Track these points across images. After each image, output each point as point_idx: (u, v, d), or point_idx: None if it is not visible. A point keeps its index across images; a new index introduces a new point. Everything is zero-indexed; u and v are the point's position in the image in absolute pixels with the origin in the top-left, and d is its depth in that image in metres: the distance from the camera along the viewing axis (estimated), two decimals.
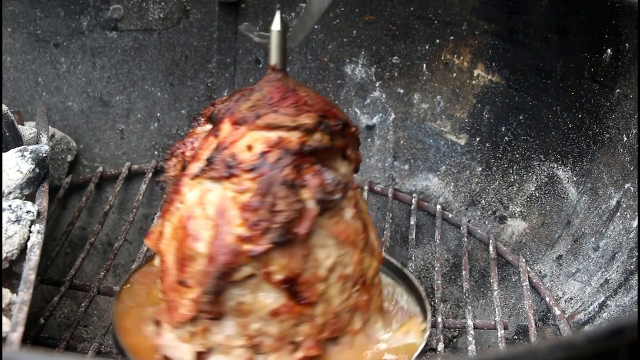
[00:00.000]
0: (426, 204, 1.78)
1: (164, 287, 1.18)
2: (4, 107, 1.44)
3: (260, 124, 1.12)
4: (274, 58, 1.18)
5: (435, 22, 1.78)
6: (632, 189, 1.48)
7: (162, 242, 1.19)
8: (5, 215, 1.21)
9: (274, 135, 1.12)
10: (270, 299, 1.14)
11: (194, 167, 1.15)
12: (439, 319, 1.44)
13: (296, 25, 1.22)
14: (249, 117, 1.13)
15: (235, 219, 1.10)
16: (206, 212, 1.12)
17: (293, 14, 1.83)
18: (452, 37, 1.78)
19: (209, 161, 1.13)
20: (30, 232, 1.21)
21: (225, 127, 1.15)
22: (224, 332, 1.16)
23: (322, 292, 1.17)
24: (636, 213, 1.46)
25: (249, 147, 1.11)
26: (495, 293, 1.51)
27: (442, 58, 1.80)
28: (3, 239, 1.17)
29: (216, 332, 1.16)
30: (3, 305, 1.07)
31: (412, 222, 1.69)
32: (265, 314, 1.15)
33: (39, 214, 1.24)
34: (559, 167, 1.64)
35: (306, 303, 1.16)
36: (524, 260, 1.61)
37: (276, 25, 1.18)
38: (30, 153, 1.32)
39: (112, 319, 1.25)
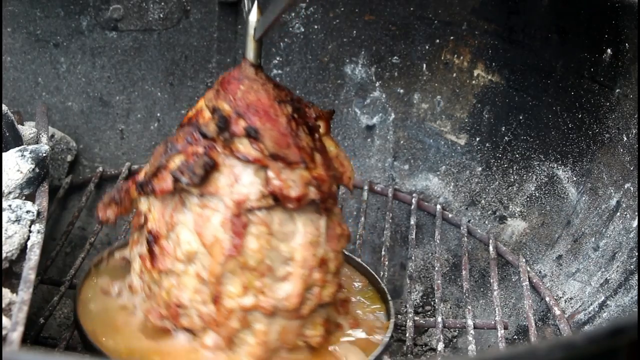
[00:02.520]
0: (426, 204, 1.78)
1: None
2: (4, 107, 1.44)
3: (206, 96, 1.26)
4: (248, 49, 1.21)
5: (435, 22, 1.78)
6: (632, 189, 1.48)
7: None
8: (5, 215, 1.21)
9: (200, 105, 1.25)
10: (143, 243, 1.25)
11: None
12: (439, 319, 1.44)
13: (261, 17, 1.19)
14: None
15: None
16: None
17: (293, 14, 1.83)
18: (452, 37, 1.78)
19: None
20: (30, 232, 1.21)
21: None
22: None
23: (173, 272, 1.22)
24: (636, 213, 1.46)
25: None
26: (495, 293, 1.51)
27: (442, 58, 1.80)
28: (3, 238, 1.17)
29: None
30: (3, 305, 1.07)
31: (412, 222, 1.69)
32: (135, 254, 1.29)
33: (39, 213, 1.24)
34: (559, 167, 1.64)
35: (156, 267, 1.23)
36: (524, 260, 1.61)
37: (253, 15, 1.18)
38: (30, 153, 1.32)
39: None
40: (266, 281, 1.20)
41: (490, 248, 1.63)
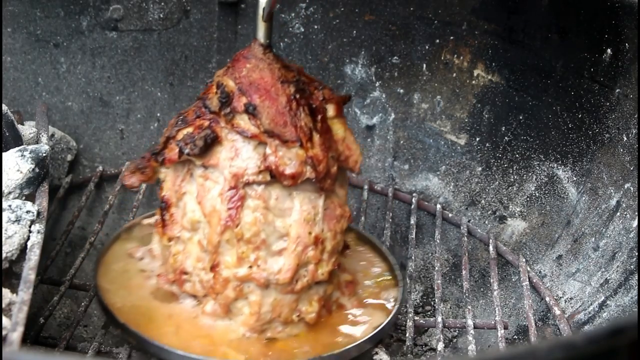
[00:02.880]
0: (426, 203, 1.78)
1: None
2: (4, 107, 1.44)
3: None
4: (258, 30, 1.26)
5: (435, 22, 1.78)
6: (632, 189, 1.48)
7: None
8: (5, 215, 1.21)
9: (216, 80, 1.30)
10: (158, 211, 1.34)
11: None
12: (439, 319, 1.44)
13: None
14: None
15: None
16: None
17: (293, 14, 1.83)
18: (452, 37, 1.78)
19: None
20: (30, 231, 1.21)
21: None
22: None
23: (180, 239, 1.30)
24: (636, 213, 1.46)
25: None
26: (495, 293, 1.51)
27: (442, 58, 1.80)
28: (3, 238, 1.17)
29: None
30: (3, 305, 1.07)
31: (412, 222, 1.69)
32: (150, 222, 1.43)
33: (38, 213, 1.24)
34: (559, 167, 1.64)
35: (166, 234, 1.31)
36: (524, 260, 1.61)
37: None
38: (30, 153, 1.32)
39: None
40: (261, 254, 1.25)
41: (490, 248, 1.63)
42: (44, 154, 1.33)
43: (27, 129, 1.48)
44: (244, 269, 1.26)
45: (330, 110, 1.30)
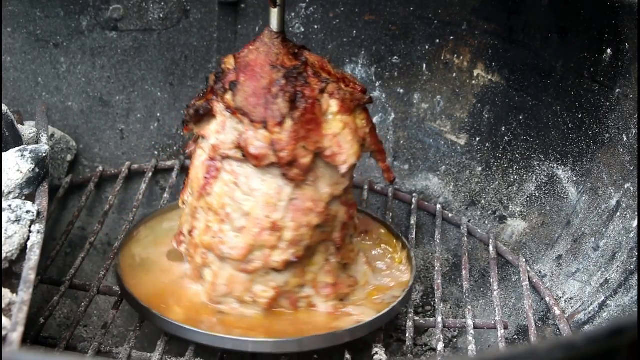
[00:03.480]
0: (426, 203, 1.78)
1: None
2: (4, 107, 1.44)
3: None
4: (270, 17, 1.32)
5: (435, 22, 1.78)
6: (632, 189, 1.48)
7: None
8: (5, 215, 1.21)
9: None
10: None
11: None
12: (439, 319, 1.44)
13: None
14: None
15: None
16: None
17: (293, 14, 1.83)
18: (452, 37, 1.78)
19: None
20: (30, 232, 1.21)
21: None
22: None
23: (185, 201, 1.39)
24: (636, 213, 1.46)
25: None
26: (495, 293, 1.51)
27: (442, 58, 1.80)
28: (3, 239, 1.17)
29: None
30: (3, 305, 1.07)
31: (412, 222, 1.69)
32: None
33: (38, 213, 1.24)
34: (559, 167, 1.64)
35: (182, 197, 1.40)
36: (524, 260, 1.61)
37: None
38: (30, 153, 1.32)
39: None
40: (224, 227, 1.31)
41: (490, 248, 1.63)
42: (44, 154, 1.33)
43: (27, 129, 1.48)
44: (208, 238, 1.33)
45: (334, 106, 1.30)
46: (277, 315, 1.35)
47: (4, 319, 1.02)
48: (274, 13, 1.31)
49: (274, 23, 1.32)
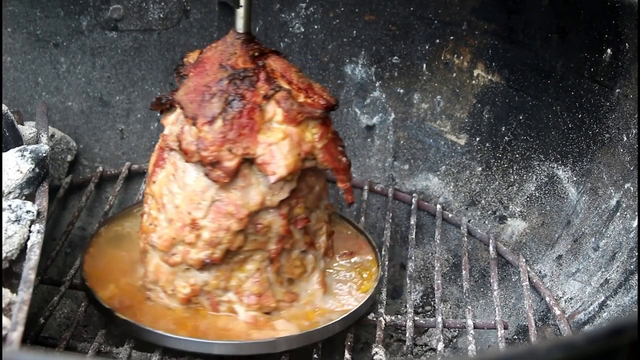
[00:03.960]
0: (426, 204, 1.78)
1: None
2: (4, 107, 1.44)
3: None
4: (242, 21, 1.33)
5: (435, 22, 1.78)
6: (632, 189, 1.48)
7: None
8: (5, 215, 1.21)
9: None
10: None
11: None
12: (439, 319, 1.44)
13: None
14: None
15: None
16: None
17: (293, 14, 1.83)
18: (452, 37, 1.78)
19: None
20: (30, 231, 1.21)
21: None
22: None
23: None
24: (636, 213, 1.46)
25: None
26: (495, 293, 1.51)
27: (442, 58, 1.80)
28: (3, 238, 1.17)
29: None
30: (3, 305, 1.07)
31: (412, 222, 1.69)
32: None
33: (38, 213, 1.24)
34: (559, 167, 1.64)
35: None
36: (524, 260, 1.61)
37: None
38: (30, 153, 1.32)
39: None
40: (159, 216, 1.34)
41: (490, 248, 1.63)
42: (44, 154, 1.33)
43: (27, 129, 1.48)
44: (147, 224, 1.36)
45: (279, 114, 1.28)
46: (197, 313, 1.35)
47: (4, 319, 1.02)
48: (238, 13, 1.32)
49: (238, 23, 1.33)
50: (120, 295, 1.38)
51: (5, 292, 1.10)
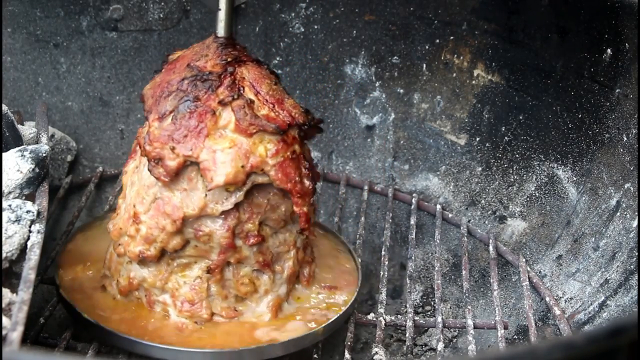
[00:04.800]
0: (426, 204, 1.78)
1: None
2: (4, 107, 1.44)
3: None
4: (222, 25, 1.34)
5: (435, 22, 1.78)
6: (632, 189, 1.48)
7: None
8: (5, 215, 1.21)
9: None
10: None
11: None
12: (439, 319, 1.44)
13: None
14: None
15: None
16: None
17: (293, 14, 1.83)
18: (452, 37, 1.78)
19: None
20: (30, 231, 1.21)
21: None
22: None
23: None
24: (636, 213, 1.46)
25: None
26: (495, 293, 1.51)
27: (442, 58, 1.80)
28: (3, 238, 1.17)
29: None
30: (3, 305, 1.07)
31: (412, 222, 1.69)
32: None
33: (39, 213, 1.24)
34: (559, 167, 1.64)
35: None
36: (524, 260, 1.61)
37: None
38: (30, 153, 1.32)
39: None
40: (122, 205, 1.36)
41: (490, 248, 1.63)
42: (44, 154, 1.33)
43: (27, 129, 1.48)
44: (116, 212, 1.38)
45: (232, 123, 1.25)
46: (138, 307, 1.34)
47: (4, 319, 1.02)
48: (218, 17, 1.32)
49: (218, 27, 1.33)
50: (80, 279, 1.40)
51: (6, 292, 1.10)
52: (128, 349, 1.29)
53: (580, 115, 1.60)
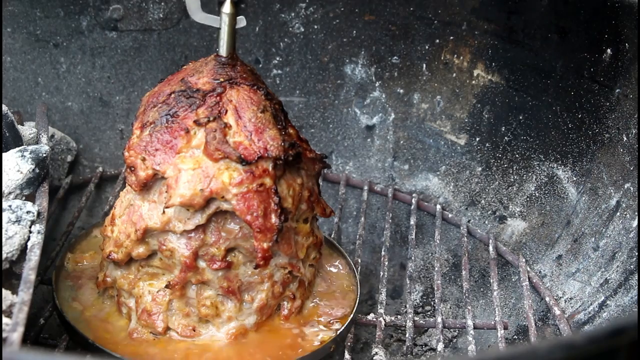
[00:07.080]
0: (426, 204, 1.78)
1: None
2: (4, 107, 1.44)
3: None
4: (222, 43, 1.30)
5: (435, 22, 1.78)
6: (632, 189, 1.48)
7: None
8: (5, 215, 1.21)
9: None
10: None
11: None
12: (439, 319, 1.44)
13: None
14: None
15: None
16: None
17: (293, 14, 1.83)
18: (452, 37, 1.78)
19: None
20: (30, 232, 1.21)
21: None
22: None
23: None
24: (636, 213, 1.46)
25: None
26: (495, 293, 1.51)
27: (442, 58, 1.80)
28: (3, 239, 1.17)
29: None
30: (3, 306, 1.07)
31: (412, 222, 1.69)
32: None
33: (39, 214, 1.24)
34: (559, 167, 1.64)
35: None
36: (524, 260, 1.61)
37: (227, 7, 1.28)
38: (30, 153, 1.32)
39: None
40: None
41: (490, 248, 1.63)
42: (44, 155, 1.33)
43: (27, 129, 1.48)
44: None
45: (203, 146, 1.23)
46: (111, 307, 1.37)
47: (4, 319, 1.02)
48: (220, 34, 1.28)
49: (219, 45, 1.29)
50: (75, 271, 1.43)
51: (6, 292, 1.10)
52: (85, 347, 1.31)
53: (580, 115, 1.61)
